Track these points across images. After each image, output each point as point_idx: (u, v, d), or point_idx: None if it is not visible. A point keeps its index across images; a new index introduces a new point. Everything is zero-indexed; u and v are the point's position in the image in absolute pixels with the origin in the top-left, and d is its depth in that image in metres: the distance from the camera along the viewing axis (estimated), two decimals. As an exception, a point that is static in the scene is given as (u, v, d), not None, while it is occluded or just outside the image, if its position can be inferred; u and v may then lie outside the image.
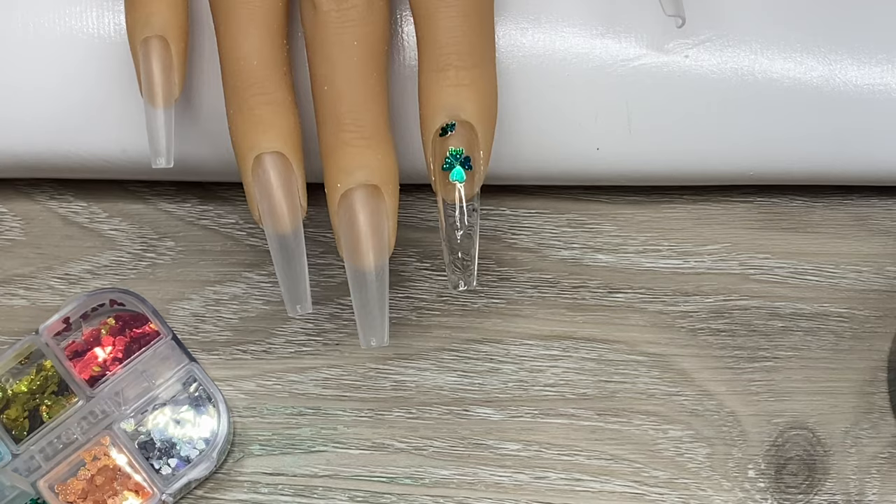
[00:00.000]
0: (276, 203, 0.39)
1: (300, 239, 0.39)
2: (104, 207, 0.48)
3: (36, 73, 0.44)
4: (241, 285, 0.47)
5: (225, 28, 0.39)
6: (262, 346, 0.47)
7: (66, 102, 0.44)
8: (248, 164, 0.39)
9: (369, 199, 0.39)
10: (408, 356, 0.46)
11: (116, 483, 0.44)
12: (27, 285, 0.47)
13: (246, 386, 0.46)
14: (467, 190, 0.39)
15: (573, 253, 0.47)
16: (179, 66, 0.40)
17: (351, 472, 0.45)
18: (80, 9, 0.44)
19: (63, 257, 0.47)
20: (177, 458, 0.45)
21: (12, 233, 0.48)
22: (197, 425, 0.45)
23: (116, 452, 0.44)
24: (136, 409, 0.45)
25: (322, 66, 0.39)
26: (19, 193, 0.48)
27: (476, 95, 0.39)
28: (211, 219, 0.48)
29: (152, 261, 0.47)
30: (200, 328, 0.47)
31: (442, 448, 0.46)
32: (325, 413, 0.46)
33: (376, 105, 0.39)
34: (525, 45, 0.44)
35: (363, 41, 0.39)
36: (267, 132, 0.39)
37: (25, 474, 0.44)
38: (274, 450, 0.46)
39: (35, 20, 0.44)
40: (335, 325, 0.47)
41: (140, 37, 0.40)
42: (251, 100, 0.39)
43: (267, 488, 0.45)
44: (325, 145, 0.39)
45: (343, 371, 0.46)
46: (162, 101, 0.40)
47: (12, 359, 0.45)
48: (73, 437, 0.44)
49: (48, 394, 0.45)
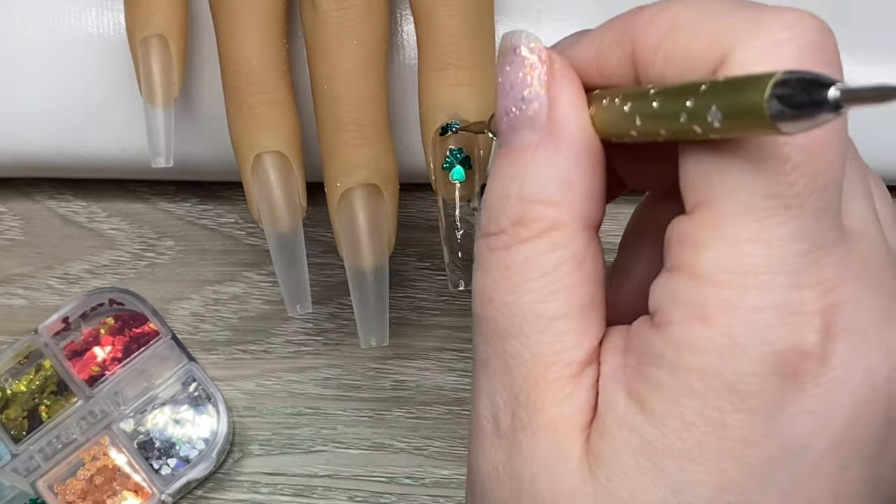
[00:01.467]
0: (276, 202, 0.39)
1: (300, 238, 0.39)
2: (103, 207, 0.48)
3: (36, 73, 0.44)
4: (240, 285, 0.47)
5: (225, 28, 0.39)
6: (262, 346, 0.46)
7: (65, 102, 0.44)
8: (247, 163, 0.39)
9: (369, 198, 0.39)
10: (408, 356, 0.46)
11: (116, 483, 0.44)
12: (26, 285, 0.47)
13: (246, 386, 0.46)
14: (467, 189, 0.39)
15: (573, 253, 0.47)
16: (179, 66, 0.40)
17: (351, 472, 0.45)
18: (79, 8, 0.44)
19: (62, 257, 0.47)
20: (176, 458, 0.44)
21: (12, 232, 0.48)
22: (196, 425, 0.45)
23: (116, 452, 0.44)
24: (136, 409, 0.45)
25: (322, 66, 0.39)
26: (19, 193, 0.48)
27: (476, 95, 0.39)
28: (210, 218, 0.48)
29: (152, 260, 0.47)
30: (200, 328, 0.47)
31: (442, 448, 0.45)
32: (325, 413, 0.46)
33: (376, 105, 0.39)
34: (525, 45, 0.44)
35: (363, 41, 0.39)
36: (266, 132, 0.39)
37: (24, 474, 0.44)
38: (274, 450, 0.46)
39: (35, 20, 0.44)
40: (335, 324, 0.47)
41: (140, 36, 0.40)
42: (251, 99, 0.39)
43: (266, 488, 0.45)
44: (325, 145, 0.39)
45: (343, 371, 0.46)
46: (161, 100, 0.40)
47: (11, 358, 0.45)
48: (73, 437, 0.44)
49: (47, 393, 0.45)
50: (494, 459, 0.28)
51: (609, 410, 0.27)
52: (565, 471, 0.27)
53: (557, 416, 0.27)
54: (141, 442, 0.45)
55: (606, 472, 0.27)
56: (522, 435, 0.28)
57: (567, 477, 0.27)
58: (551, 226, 0.28)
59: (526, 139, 0.28)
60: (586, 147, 0.28)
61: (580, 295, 0.28)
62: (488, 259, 0.29)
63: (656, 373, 0.26)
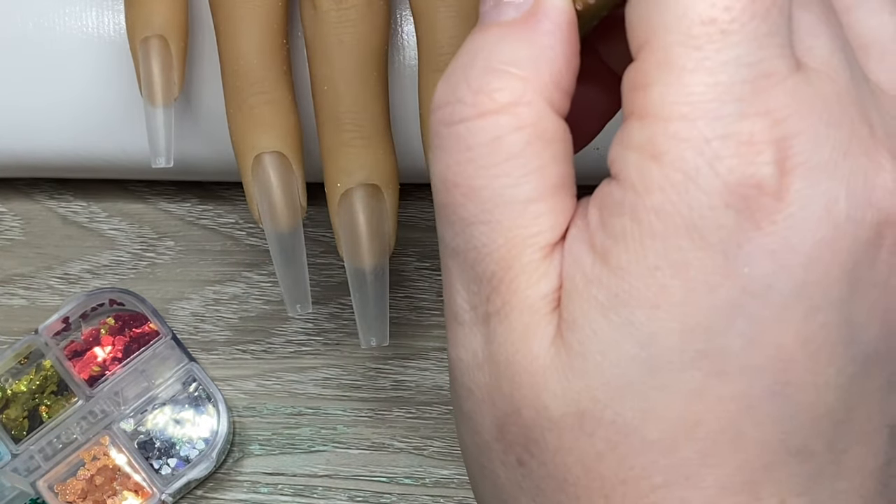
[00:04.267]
0: (276, 202, 0.39)
1: (300, 238, 0.39)
2: (104, 207, 0.48)
3: (35, 73, 0.44)
4: (240, 285, 0.47)
5: (225, 27, 0.39)
6: (262, 346, 0.46)
7: (66, 102, 0.44)
8: (247, 163, 0.39)
9: (369, 198, 0.39)
10: (408, 356, 0.46)
11: (116, 483, 0.44)
12: (27, 285, 0.47)
13: (246, 386, 0.46)
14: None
15: (573, 253, 0.47)
16: (179, 66, 0.40)
17: (351, 472, 0.45)
18: (79, 8, 0.44)
19: (62, 257, 0.47)
20: (176, 458, 0.44)
21: (12, 232, 0.48)
22: (196, 425, 0.45)
23: (116, 452, 0.44)
24: (136, 409, 0.45)
25: (322, 66, 0.39)
26: (19, 193, 0.48)
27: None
28: (210, 218, 0.48)
29: (152, 260, 0.47)
30: (200, 328, 0.47)
31: (442, 448, 0.45)
32: (325, 413, 0.46)
33: (376, 105, 0.39)
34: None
35: (363, 41, 0.39)
36: (267, 132, 0.39)
37: (25, 474, 0.44)
38: (274, 450, 0.46)
39: (35, 20, 0.44)
40: (335, 324, 0.47)
41: (140, 36, 0.40)
42: (251, 99, 0.39)
43: (267, 488, 0.45)
44: (325, 145, 0.39)
45: (343, 371, 0.46)
46: (162, 100, 0.40)
47: (12, 358, 0.45)
48: (73, 437, 0.44)
49: (48, 393, 0.45)
50: (473, 346, 0.28)
51: (576, 271, 0.27)
52: (540, 347, 0.27)
53: (532, 296, 0.27)
54: (141, 442, 0.45)
55: (578, 336, 0.26)
56: (497, 319, 0.27)
57: (543, 353, 0.27)
58: (517, 100, 0.27)
59: (505, 15, 0.28)
60: (565, 34, 0.27)
61: (551, 175, 0.27)
62: (446, 138, 0.27)
63: (618, 221, 0.26)
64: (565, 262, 0.27)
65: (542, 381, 0.27)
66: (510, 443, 0.27)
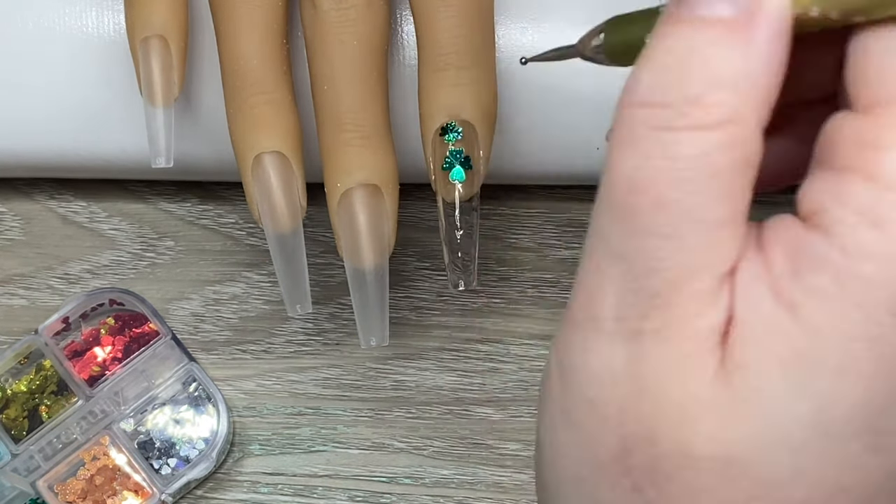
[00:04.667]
0: (276, 203, 0.39)
1: (300, 238, 0.39)
2: (104, 207, 0.48)
3: (35, 73, 0.44)
4: (240, 285, 0.47)
5: (225, 28, 0.39)
6: (262, 346, 0.46)
7: (65, 102, 0.44)
8: (247, 163, 0.39)
9: (369, 198, 0.39)
10: (408, 356, 0.46)
11: (116, 483, 0.44)
12: (27, 285, 0.47)
13: (246, 386, 0.46)
14: (467, 189, 0.39)
15: (573, 253, 0.47)
16: (179, 66, 0.40)
17: (351, 472, 0.45)
18: (79, 8, 0.44)
19: (63, 257, 0.47)
20: (176, 458, 0.44)
21: (12, 232, 0.48)
22: (196, 425, 0.45)
23: (116, 452, 0.44)
24: (136, 409, 0.45)
25: (322, 66, 0.39)
26: (19, 193, 0.48)
27: (476, 95, 0.39)
28: (210, 218, 0.48)
29: (152, 260, 0.47)
30: (200, 328, 0.47)
31: (442, 448, 0.45)
32: (325, 413, 0.46)
33: (376, 105, 0.39)
34: (525, 45, 0.44)
35: (363, 41, 0.39)
36: (267, 132, 0.39)
37: (25, 474, 0.44)
38: (274, 449, 0.46)
39: (35, 20, 0.44)
40: (335, 324, 0.47)
41: (140, 36, 0.40)
42: (251, 99, 0.39)
43: (267, 488, 0.45)
44: (325, 145, 0.39)
45: (343, 371, 0.46)
46: (162, 100, 0.40)
47: (12, 358, 0.45)
48: (73, 437, 0.44)
49: (48, 393, 0.45)
50: (611, 359, 0.26)
51: (752, 315, 0.25)
52: (699, 382, 0.25)
53: (700, 325, 0.25)
54: (141, 442, 0.45)
55: (748, 383, 0.25)
56: (653, 339, 0.26)
57: (700, 389, 0.25)
58: (731, 118, 0.25)
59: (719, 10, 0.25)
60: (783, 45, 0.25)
61: (743, 200, 0.25)
62: (645, 140, 0.25)
63: (817, 278, 0.24)
64: (738, 298, 0.26)
65: (694, 416, 0.25)
66: (631, 467, 0.26)
